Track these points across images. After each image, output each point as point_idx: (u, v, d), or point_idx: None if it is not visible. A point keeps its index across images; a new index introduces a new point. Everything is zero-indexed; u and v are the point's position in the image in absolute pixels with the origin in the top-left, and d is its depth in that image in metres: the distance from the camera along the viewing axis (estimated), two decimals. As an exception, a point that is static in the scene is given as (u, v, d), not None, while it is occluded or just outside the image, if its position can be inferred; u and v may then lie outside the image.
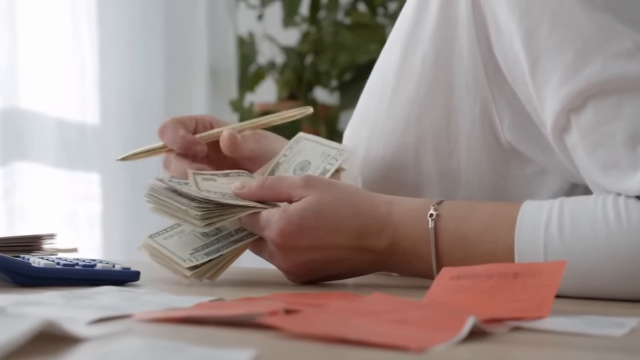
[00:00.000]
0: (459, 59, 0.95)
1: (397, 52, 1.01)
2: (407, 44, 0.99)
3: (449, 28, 0.95)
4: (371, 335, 0.56)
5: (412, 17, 1.00)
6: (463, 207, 0.90)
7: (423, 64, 0.97)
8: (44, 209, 1.94)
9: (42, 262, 0.87)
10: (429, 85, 0.97)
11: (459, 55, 0.95)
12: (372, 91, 1.06)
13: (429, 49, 0.97)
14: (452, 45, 0.95)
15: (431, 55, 0.97)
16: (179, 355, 0.50)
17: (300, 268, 0.91)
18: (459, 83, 0.96)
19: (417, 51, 0.98)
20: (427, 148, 0.98)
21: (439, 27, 0.96)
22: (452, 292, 0.75)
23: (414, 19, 0.99)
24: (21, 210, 1.89)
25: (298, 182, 0.91)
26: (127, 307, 0.70)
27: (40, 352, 0.51)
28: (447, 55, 0.96)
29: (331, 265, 0.92)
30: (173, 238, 0.95)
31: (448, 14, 0.95)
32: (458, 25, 0.94)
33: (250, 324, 0.61)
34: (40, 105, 1.95)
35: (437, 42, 0.96)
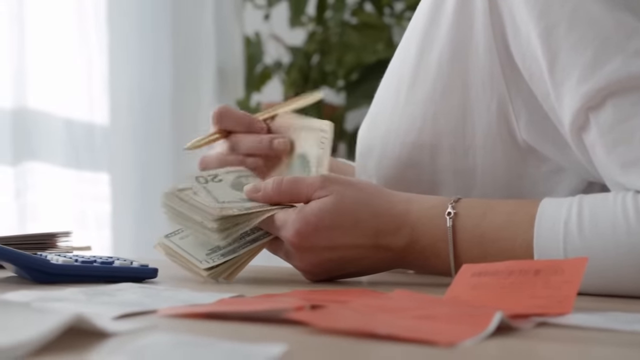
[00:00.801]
0: (475, 57, 0.95)
1: (413, 51, 1.01)
2: (423, 42, 0.99)
3: (465, 26, 0.95)
4: (400, 330, 0.56)
5: (427, 15, 1.00)
6: (481, 205, 0.90)
7: (439, 62, 0.97)
8: (54, 208, 1.94)
9: (61, 259, 0.87)
10: (445, 84, 0.97)
11: (475, 53, 0.95)
12: (386, 90, 1.06)
13: (445, 47, 0.97)
14: (468, 43, 0.95)
15: (447, 53, 0.97)
16: (210, 350, 0.50)
17: (317, 267, 0.91)
18: (475, 81, 0.96)
19: (433, 49, 0.98)
20: (443, 146, 0.98)
21: (455, 25, 0.96)
22: (473, 288, 0.75)
23: (430, 17, 0.99)
24: (32, 210, 1.89)
25: (316, 184, 0.90)
26: (150, 303, 0.70)
27: (69, 347, 0.51)
28: (464, 53, 0.96)
29: (348, 264, 0.92)
30: (189, 238, 0.95)
31: (464, 12, 0.95)
32: (474, 23, 0.94)
33: (275, 320, 0.61)
34: (49, 106, 1.95)
35: (453, 40, 0.96)
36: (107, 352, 0.50)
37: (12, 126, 1.88)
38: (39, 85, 1.93)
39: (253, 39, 2.66)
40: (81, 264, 0.87)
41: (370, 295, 0.73)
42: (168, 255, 0.94)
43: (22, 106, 1.90)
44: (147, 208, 2.17)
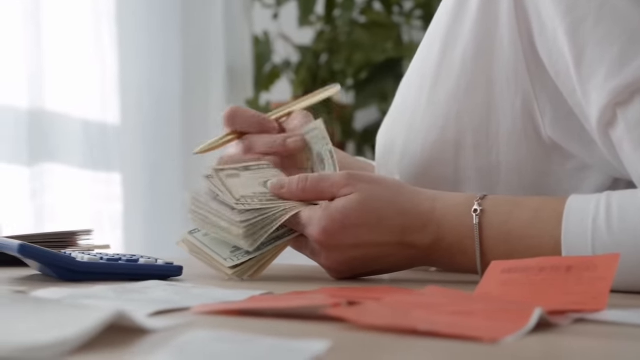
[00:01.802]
0: (500, 54, 0.95)
1: (436, 48, 1.00)
2: (447, 39, 0.99)
3: (489, 23, 0.95)
4: (440, 326, 0.56)
5: (451, 12, 0.99)
6: (507, 202, 0.90)
7: (463, 59, 0.97)
8: (70, 209, 1.94)
9: (86, 257, 0.86)
10: (470, 81, 0.97)
11: (500, 50, 0.95)
12: (409, 88, 1.05)
13: (469, 44, 0.96)
14: (493, 40, 0.95)
15: (472, 50, 0.96)
16: (253, 346, 0.49)
17: (343, 265, 0.90)
18: (499, 78, 0.95)
19: (457, 46, 0.98)
20: (467, 144, 0.98)
21: (479, 22, 0.96)
22: (504, 285, 0.74)
23: (454, 14, 0.99)
24: (48, 211, 1.89)
25: (341, 181, 0.90)
26: (181, 300, 0.69)
27: (108, 343, 0.51)
28: (488, 50, 0.95)
29: (374, 262, 0.91)
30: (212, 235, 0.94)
31: (489, 9, 0.95)
32: (499, 19, 0.94)
33: (309, 316, 0.61)
34: (65, 107, 1.95)
35: (477, 37, 0.96)
36: (148, 349, 0.50)
37: (29, 127, 1.87)
38: (55, 87, 1.93)
39: (262, 38, 2.66)
40: (107, 261, 0.87)
41: (403, 292, 0.73)
42: (192, 252, 0.94)
43: (39, 107, 1.90)
44: (157, 207, 2.17)
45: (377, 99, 2.58)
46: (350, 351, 0.52)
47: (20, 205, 1.88)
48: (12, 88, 1.87)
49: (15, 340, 0.46)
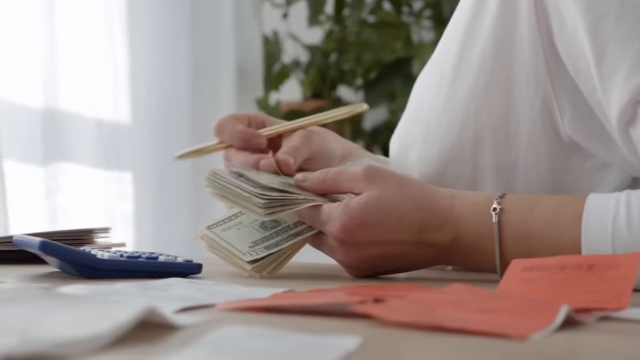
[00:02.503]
0: (519, 52, 0.95)
1: (455, 47, 1.00)
2: (466, 38, 0.99)
3: (509, 21, 0.95)
4: (468, 323, 0.56)
5: (469, 11, 0.99)
6: (526, 201, 0.90)
7: (482, 57, 0.97)
8: (83, 208, 1.94)
9: (106, 255, 0.86)
10: (488, 80, 0.97)
11: (519, 48, 0.95)
12: (427, 86, 1.05)
13: (488, 42, 0.96)
14: (512, 38, 0.95)
15: (491, 48, 0.96)
16: (286, 342, 0.49)
17: (362, 263, 0.90)
18: (519, 77, 0.95)
19: (476, 45, 0.98)
20: (486, 143, 0.98)
21: (499, 21, 0.96)
22: (525, 283, 0.75)
23: (472, 13, 0.98)
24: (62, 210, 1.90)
25: (359, 175, 0.90)
26: (204, 297, 0.70)
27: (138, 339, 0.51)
28: (507, 48, 0.95)
29: (392, 260, 0.91)
30: (231, 230, 0.94)
31: (509, 7, 0.95)
32: (519, 18, 0.94)
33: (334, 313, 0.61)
34: (78, 106, 1.96)
35: (497, 36, 0.96)
36: (181, 344, 0.50)
37: (43, 127, 1.88)
38: (69, 86, 1.94)
39: (271, 38, 2.66)
40: (127, 259, 0.87)
41: (427, 289, 0.73)
42: (210, 248, 0.94)
43: (53, 107, 1.90)
44: (167, 206, 2.17)
45: (386, 98, 2.58)
46: (380, 347, 0.52)
47: (35, 204, 1.88)
48: (26, 88, 1.88)
49: (49, 335, 0.46)
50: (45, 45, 1.90)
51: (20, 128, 1.86)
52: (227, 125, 1.04)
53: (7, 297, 0.55)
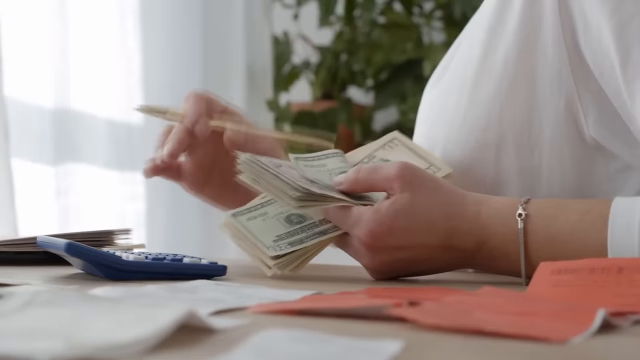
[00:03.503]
0: (543, 55, 0.94)
1: (477, 50, 1.00)
2: (488, 40, 0.99)
3: (533, 24, 0.95)
4: (506, 327, 0.56)
5: (492, 14, 0.99)
6: (551, 206, 0.89)
7: (506, 60, 0.97)
8: (95, 209, 1.94)
9: (131, 256, 0.86)
10: (512, 82, 0.96)
11: (543, 51, 0.94)
12: (448, 89, 1.05)
13: (512, 45, 0.96)
14: (536, 41, 0.95)
15: (514, 51, 0.96)
16: (329, 345, 0.49)
17: (386, 267, 0.90)
18: (542, 79, 0.95)
19: (499, 48, 0.97)
20: (509, 145, 0.97)
21: (523, 24, 0.95)
22: (554, 286, 0.74)
23: (495, 16, 0.98)
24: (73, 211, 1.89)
25: (393, 174, 0.89)
26: (235, 300, 0.69)
27: (179, 342, 0.51)
28: (531, 51, 0.95)
29: (417, 264, 0.91)
30: (256, 220, 0.93)
31: (532, 10, 0.95)
32: (543, 21, 0.94)
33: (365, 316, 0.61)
34: (90, 106, 1.96)
35: (521, 38, 0.96)
36: (224, 348, 0.49)
37: (54, 126, 1.88)
38: (81, 86, 1.94)
39: (281, 39, 2.66)
40: (152, 260, 0.87)
41: (458, 292, 0.73)
42: (233, 237, 0.93)
43: (64, 106, 1.90)
44: (178, 207, 2.17)
45: (396, 99, 2.58)
46: (420, 351, 0.52)
47: (45, 204, 1.88)
48: (38, 87, 1.88)
49: (93, 338, 0.46)
50: (57, 44, 1.90)
51: (31, 127, 1.86)
52: (192, 100, 1.06)
53: (45, 300, 0.55)
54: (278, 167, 0.92)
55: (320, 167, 0.96)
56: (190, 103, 1.05)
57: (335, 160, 0.98)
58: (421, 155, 1.00)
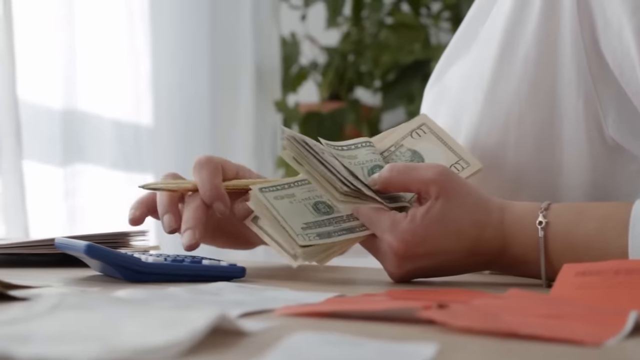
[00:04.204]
0: (562, 55, 0.94)
1: (494, 51, 0.99)
2: (506, 41, 0.98)
3: (552, 24, 0.94)
4: (539, 329, 0.55)
5: (510, 14, 0.98)
6: (572, 212, 0.88)
7: (525, 61, 0.96)
8: (102, 210, 1.94)
9: (151, 258, 0.86)
10: (531, 83, 0.96)
11: (562, 52, 0.94)
12: (463, 92, 1.04)
13: (531, 46, 0.96)
14: (555, 41, 0.94)
15: (534, 52, 0.95)
16: (363, 349, 0.49)
17: (411, 273, 0.89)
18: (562, 80, 0.94)
19: (518, 49, 0.97)
20: (528, 145, 0.97)
21: (542, 24, 0.95)
22: (579, 288, 0.74)
23: (514, 16, 0.98)
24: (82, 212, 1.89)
25: (429, 177, 0.87)
26: (259, 302, 0.69)
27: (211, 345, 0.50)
28: (551, 51, 0.95)
29: (440, 267, 0.90)
30: (283, 200, 0.90)
31: (552, 10, 0.94)
32: (562, 20, 0.93)
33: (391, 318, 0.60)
34: (99, 108, 1.96)
35: (540, 39, 0.95)
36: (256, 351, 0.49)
37: (63, 128, 1.87)
38: (90, 88, 1.93)
39: (289, 40, 2.65)
40: (171, 262, 0.86)
41: (484, 295, 0.72)
42: (258, 212, 0.90)
43: (72, 107, 1.90)
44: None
45: (404, 100, 2.57)
46: (454, 354, 0.52)
47: (54, 205, 1.87)
48: (47, 89, 1.88)
49: (128, 341, 0.46)
50: (66, 47, 1.90)
51: (40, 129, 1.86)
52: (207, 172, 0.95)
53: (73, 303, 0.55)
54: (323, 153, 0.90)
55: (350, 158, 0.93)
56: (205, 175, 0.95)
57: (365, 151, 0.95)
58: (451, 147, 0.98)
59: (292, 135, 0.90)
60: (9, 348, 0.45)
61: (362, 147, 0.96)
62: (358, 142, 0.97)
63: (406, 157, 0.97)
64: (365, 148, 0.96)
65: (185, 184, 0.97)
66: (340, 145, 0.95)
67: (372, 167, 0.93)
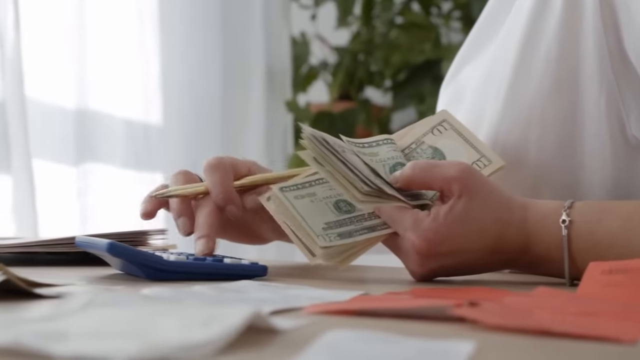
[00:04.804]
0: (584, 53, 0.93)
1: (515, 48, 0.98)
2: (527, 39, 0.97)
3: (574, 21, 0.94)
4: (575, 327, 0.55)
5: (530, 12, 0.97)
6: (595, 210, 0.88)
7: (547, 58, 0.96)
8: (114, 209, 1.93)
9: (172, 257, 0.85)
10: (553, 81, 0.95)
11: (584, 49, 0.93)
12: (485, 87, 1.03)
13: (553, 44, 0.95)
14: (577, 38, 0.94)
15: (556, 50, 0.95)
16: (402, 347, 0.49)
17: (433, 272, 0.89)
18: (584, 79, 0.94)
19: (539, 47, 0.96)
20: (550, 145, 0.96)
21: (564, 21, 0.94)
22: (606, 287, 0.73)
23: (534, 14, 0.97)
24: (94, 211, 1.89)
25: (452, 176, 0.86)
26: (285, 300, 0.69)
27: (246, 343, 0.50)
28: (573, 49, 0.94)
29: (461, 268, 0.89)
30: (304, 200, 0.89)
31: (574, 7, 0.94)
32: (584, 16, 0.93)
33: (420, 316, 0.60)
34: (110, 107, 1.95)
35: (562, 36, 0.95)
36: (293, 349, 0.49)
37: (76, 127, 1.87)
38: (101, 87, 1.93)
39: (299, 39, 2.65)
40: (193, 261, 0.86)
41: (512, 293, 0.72)
42: (278, 212, 0.89)
43: (84, 107, 1.90)
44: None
45: (414, 100, 2.57)
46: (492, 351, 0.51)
47: (66, 204, 1.87)
48: (59, 88, 1.87)
49: (166, 338, 0.46)
50: (77, 46, 1.89)
51: (53, 128, 1.86)
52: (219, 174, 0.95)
53: (104, 300, 0.54)
54: (343, 151, 0.89)
55: (371, 155, 0.93)
56: (217, 178, 0.95)
57: (386, 148, 0.95)
58: (472, 144, 0.97)
59: (312, 133, 0.89)
60: (46, 345, 0.44)
61: (383, 144, 0.95)
62: (379, 140, 0.96)
63: (427, 155, 0.97)
64: (386, 145, 0.95)
65: (197, 188, 0.96)
66: (361, 142, 0.95)
67: (393, 164, 0.93)
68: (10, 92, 1.68)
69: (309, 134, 0.88)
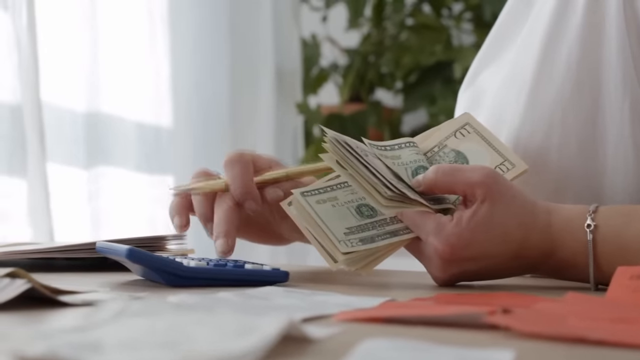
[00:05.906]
0: (606, 56, 0.93)
1: (536, 51, 0.98)
2: (548, 43, 0.97)
3: (597, 25, 0.93)
4: (610, 335, 0.54)
5: (552, 16, 0.97)
6: (620, 214, 0.87)
7: (568, 62, 0.95)
8: (126, 212, 1.93)
9: (192, 263, 0.85)
10: (575, 85, 0.94)
11: (607, 52, 0.93)
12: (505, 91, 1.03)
13: (574, 48, 0.94)
14: (600, 42, 0.93)
15: (577, 54, 0.94)
16: (438, 356, 0.48)
17: (455, 277, 0.88)
18: (606, 82, 0.93)
19: (561, 51, 0.95)
20: (571, 149, 0.95)
21: (586, 25, 0.94)
22: (635, 292, 0.73)
23: (556, 15, 0.96)
24: (105, 215, 1.89)
25: (476, 180, 0.85)
26: (311, 307, 0.68)
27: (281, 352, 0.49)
28: (595, 52, 0.93)
29: (485, 272, 0.89)
30: (326, 204, 0.88)
31: (596, 11, 0.93)
32: (606, 21, 0.92)
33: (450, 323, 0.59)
34: (121, 110, 1.95)
35: (584, 40, 0.94)
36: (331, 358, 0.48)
37: (86, 130, 1.87)
38: (112, 90, 1.93)
39: (309, 41, 2.64)
40: (214, 267, 0.85)
41: (542, 299, 0.71)
42: (299, 217, 0.88)
43: (96, 110, 1.89)
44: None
45: (425, 102, 2.56)
46: None
47: (77, 208, 1.87)
48: (70, 91, 1.87)
49: (203, 349, 0.45)
50: (89, 50, 1.89)
51: (64, 132, 1.86)
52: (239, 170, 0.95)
53: (138, 310, 0.54)
54: (366, 155, 0.88)
55: (394, 158, 0.92)
56: (236, 172, 0.95)
57: (409, 151, 0.94)
58: (495, 147, 0.96)
59: (334, 137, 0.88)
60: (81, 356, 0.44)
61: (405, 147, 0.95)
62: (401, 142, 0.95)
63: (450, 158, 0.96)
64: (408, 148, 0.94)
65: (216, 184, 0.96)
66: (383, 145, 0.94)
67: (416, 167, 0.92)
68: (27, 96, 1.67)
69: (331, 137, 0.88)
